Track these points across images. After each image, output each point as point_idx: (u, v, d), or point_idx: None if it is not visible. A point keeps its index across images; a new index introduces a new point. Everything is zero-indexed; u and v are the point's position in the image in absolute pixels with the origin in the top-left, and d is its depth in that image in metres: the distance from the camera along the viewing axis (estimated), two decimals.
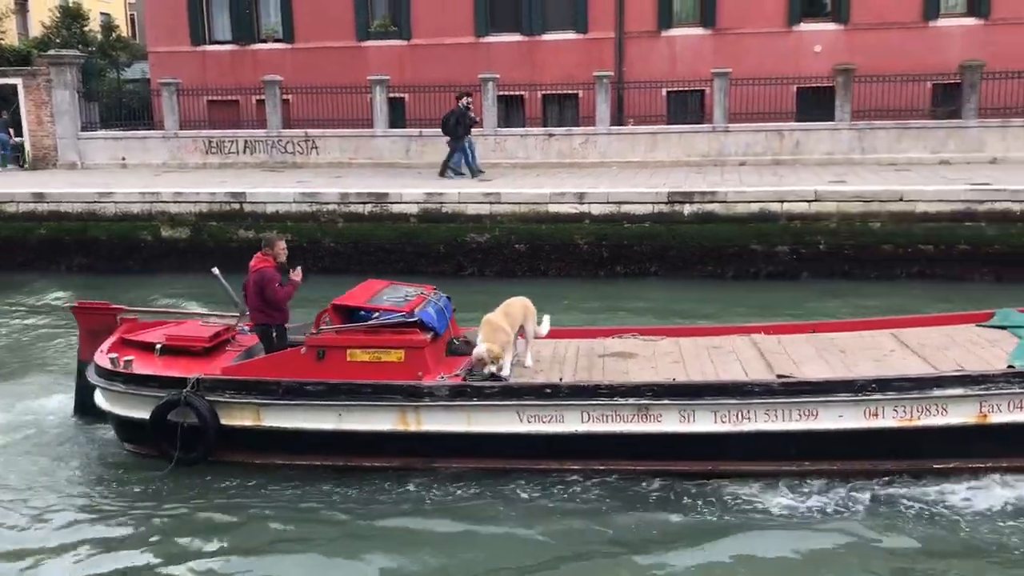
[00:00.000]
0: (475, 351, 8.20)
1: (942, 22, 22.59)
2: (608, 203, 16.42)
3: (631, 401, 7.73)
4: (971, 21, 22.50)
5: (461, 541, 7.11)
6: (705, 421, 7.71)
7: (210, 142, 22.96)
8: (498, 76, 22.14)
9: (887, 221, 15.59)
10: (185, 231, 17.76)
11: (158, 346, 8.96)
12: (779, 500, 7.47)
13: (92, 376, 8.80)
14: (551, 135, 21.82)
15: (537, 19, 23.99)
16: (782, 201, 15.97)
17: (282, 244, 9.05)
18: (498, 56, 23.84)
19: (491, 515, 7.45)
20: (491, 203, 16.82)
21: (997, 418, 7.55)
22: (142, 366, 8.65)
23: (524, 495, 7.71)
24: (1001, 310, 9.65)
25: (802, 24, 23.11)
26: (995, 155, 20.22)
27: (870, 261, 15.58)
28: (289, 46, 25.26)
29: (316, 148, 22.51)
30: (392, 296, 8.73)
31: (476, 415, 7.95)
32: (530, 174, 19.55)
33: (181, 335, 9.17)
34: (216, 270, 9.43)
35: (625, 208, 16.36)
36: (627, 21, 23.53)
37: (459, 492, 7.80)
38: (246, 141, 22.83)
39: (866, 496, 7.47)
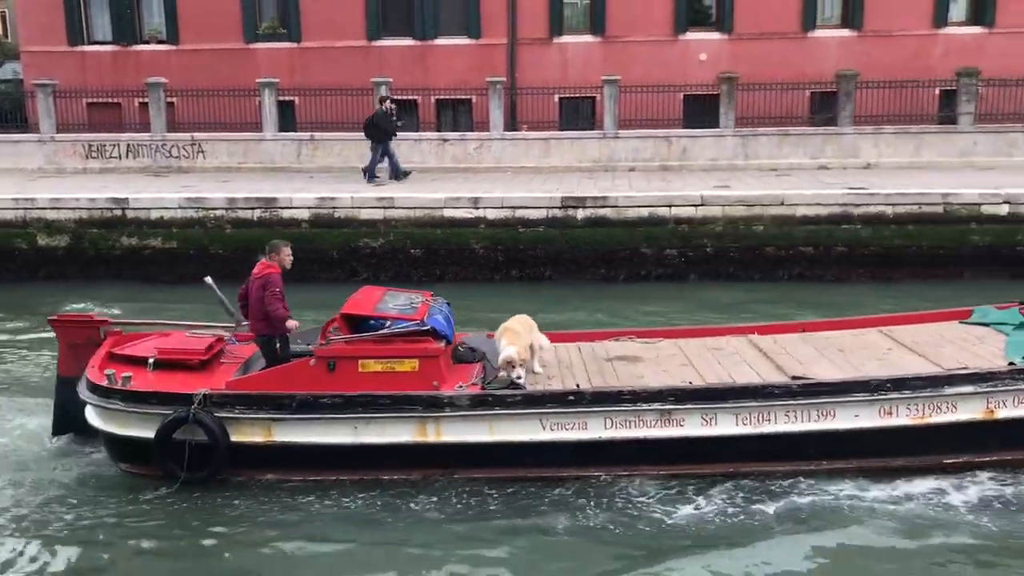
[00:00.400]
0: (503, 354, 8.06)
1: (819, 33, 23.61)
2: (503, 208, 16.53)
3: (655, 406, 7.74)
4: (845, 32, 23.59)
5: (483, 553, 7.00)
6: (727, 424, 7.80)
7: (90, 146, 22.03)
8: (391, 80, 22.01)
9: (769, 224, 16.19)
10: (64, 239, 17.00)
11: (151, 360, 8.50)
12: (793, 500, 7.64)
13: (85, 393, 8.24)
14: (445, 140, 21.80)
15: (430, 24, 23.94)
16: (670, 206, 16.38)
17: (287, 250, 8.60)
18: (390, 60, 23.70)
19: (513, 524, 7.38)
20: (385, 208, 16.71)
21: (1003, 413, 7.86)
22: (139, 382, 8.19)
23: (544, 503, 7.67)
24: (979, 308, 10.00)
25: (688, 33, 23.78)
26: (869, 160, 21.23)
27: (754, 263, 16.15)
28: (173, 47, 24.50)
29: (203, 152, 21.88)
30: (396, 303, 8.50)
31: (498, 424, 7.83)
32: (424, 179, 19.49)
33: (174, 348, 8.72)
34: (209, 279, 9.02)
35: (520, 213, 16.50)
36: (519, 28, 23.74)
37: (476, 501, 7.67)
38: (128, 145, 22.01)
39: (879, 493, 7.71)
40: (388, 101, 19.61)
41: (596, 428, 7.81)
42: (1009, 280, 15.43)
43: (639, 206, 16.44)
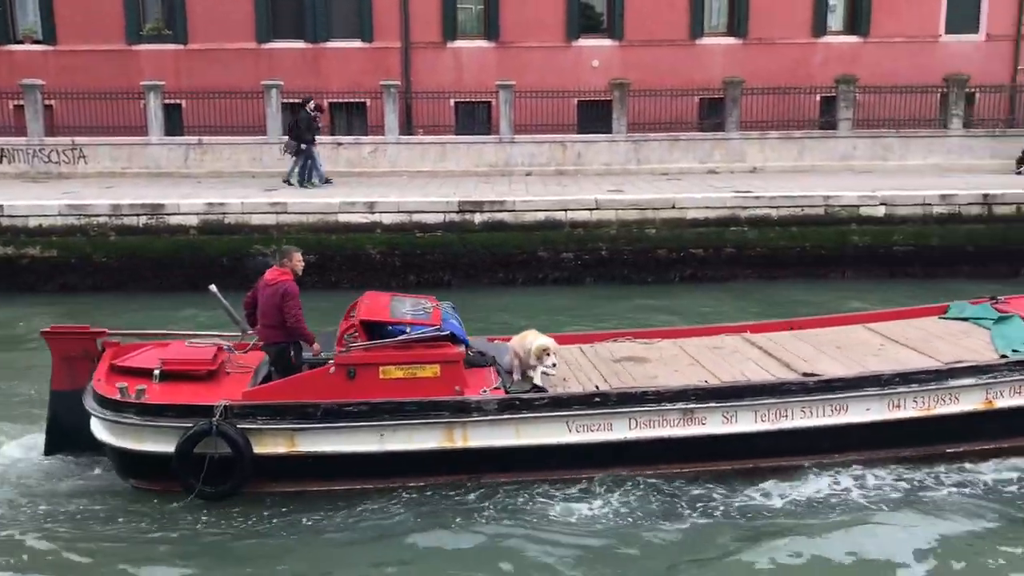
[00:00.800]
0: (538, 342, 8.08)
1: (706, 41, 24.28)
2: (399, 212, 16.41)
3: (678, 405, 7.86)
4: (731, 40, 24.33)
5: (513, 556, 6.89)
6: (746, 421, 7.98)
7: None
8: (282, 83, 21.59)
9: (661, 227, 16.56)
10: None
11: (156, 371, 8.09)
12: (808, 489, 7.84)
13: (93, 408, 7.79)
14: (339, 144, 21.52)
15: (321, 26, 23.58)
16: (566, 210, 16.57)
17: (299, 255, 8.38)
18: (282, 62, 23.23)
19: (540, 524, 7.31)
20: (277, 213, 16.37)
21: (1001, 403, 8.30)
22: (151, 394, 7.79)
23: (563, 503, 7.63)
24: (955, 303, 10.45)
25: (581, 40, 24.10)
26: (755, 165, 21.97)
27: (647, 265, 16.48)
28: (51, 47, 23.41)
29: (84, 157, 21.00)
30: (405, 308, 8.37)
31: (525, 427, 7.82)
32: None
33: (179, 358, 8.33)
34: (214, 287, 8.59)
35: (417, 217, 16.41)
36: (413, 31, 23.61)
37: (501, 505, 7.58)
38: (3, 149, 20.94)
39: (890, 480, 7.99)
40: (311, 104, 19.22)
41: (621, 429, 7.90)
42: (888, 279, 16.25)
43: (536, 210, 16.58)
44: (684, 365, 8.93)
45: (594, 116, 22.79)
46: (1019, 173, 20.72)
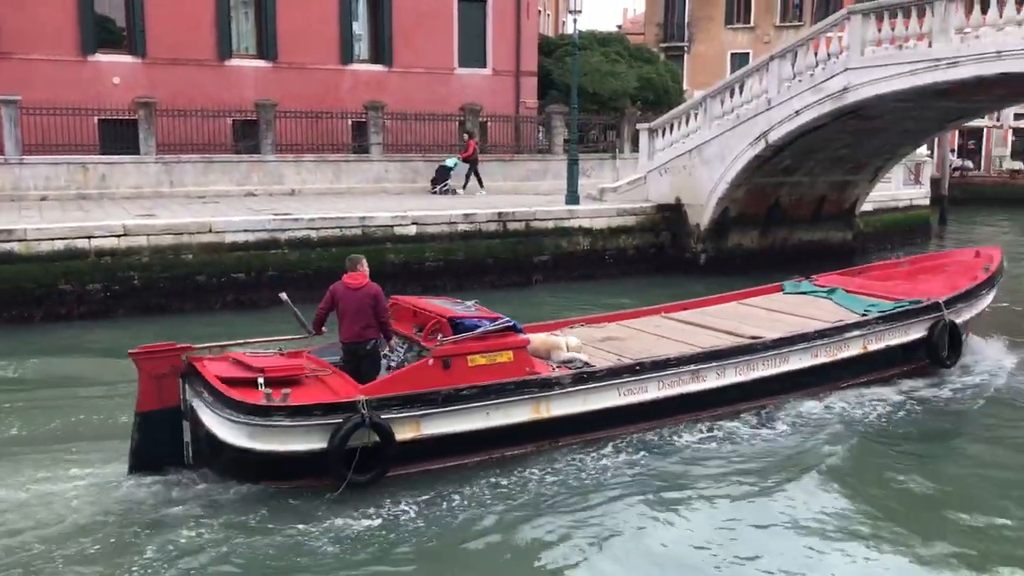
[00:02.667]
0: (571, 340, 10.18)
1: (236, 62, 23.94)
2: None
3: (689, 368, 9.86)
4: (261, 63, 24.28)
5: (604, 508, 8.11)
6: (732, 375, 10.17)
7: None
8: None
9: (199, 252, 15.92)
10: None
11: (260, 380, 8.34)
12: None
13: (231, 415, 7.95)
14: None
15: None
16: (90, 237, 15.19)
17: (365, 261, 9.21)
18: None
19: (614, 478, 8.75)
20: None
21: (871, 347, 11.25)
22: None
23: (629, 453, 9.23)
24: (786, 283, 13.71)
25: (99, 55, 22.33)
26: (293, 187, 22.15)
27: (186, 292, 15.72)
28: None
29: None
30: (461, 307, 9.44)
31: (589, 396, 9.29)
32: None
33: (278, 366, 8.76)
34: (284, 295, 9.22)
35: None
36: None
37: (577, 463, 8.96)
38: None
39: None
40: None
41: (653, 390, 9.67)
42: (422, 293, 17.25)
43: (53, 239, 14.94)
44: (657, 339, 11.09)
45: (119, 136, 21.23)
46: (435, 192, 22.72)
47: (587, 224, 19.73)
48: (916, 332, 11.63)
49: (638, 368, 9.63)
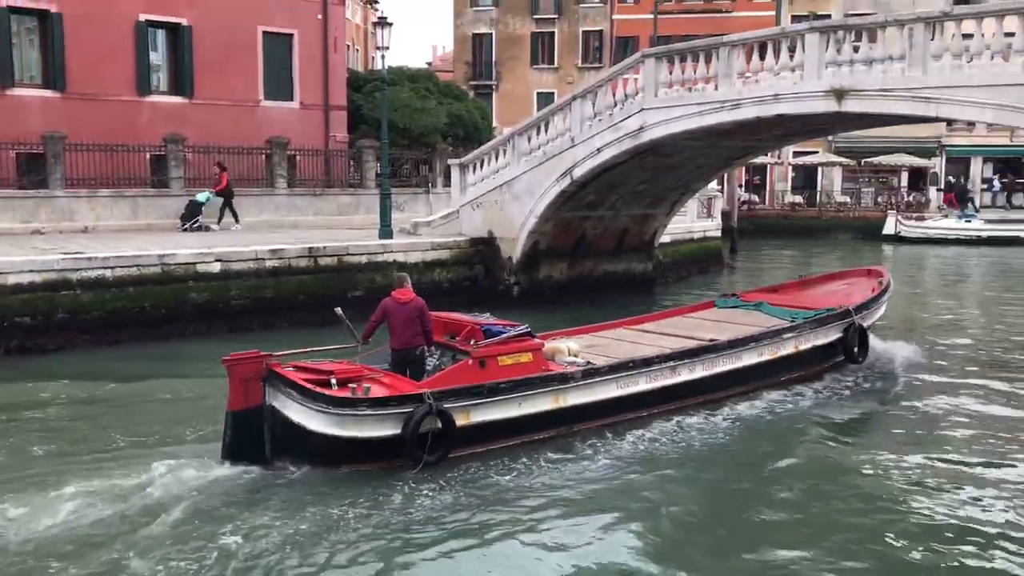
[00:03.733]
0: (570, 345, 11.98)
1: (18, 91, 22.38)
2: None
3: (670, 364, 11.75)
4: (49, 93, 22.79)
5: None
6: (700, 370, 12.03)
7: None
8: None
9: None
10: None
11: (333, 380, 9.67)
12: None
13: (323, 408, 9.38)
14: None
15: None
16: None
17: (409, 278, 11.05)
18: None
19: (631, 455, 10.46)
20: None
21: (801, 347, 13.36)
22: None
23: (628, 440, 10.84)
24: (717, 299, 16.12)
25: None
26: (87, 224, 20.85)
27: None
28: None
29: None
30: (484, 316, 11.57)
31: (596, 388, 10.99)
32: None
33: (344, 369, 10.03)
34: (339, 310, 10.26)
35: None
36: None
37: (592, 446, 10.56)
38: None
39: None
40: None
41: (643, 383, 11.44)
42: (227, 333, 16.57)
43: None
44: (634, 345, 12.91)
45: None
46: (184, 230, 21.36)
47: (401, 258, 19.71)
48: (834, 334, 13.95)
49: (631, 365, 11.52)
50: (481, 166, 21.83)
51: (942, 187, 49.47)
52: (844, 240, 42.78)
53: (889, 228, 42.29)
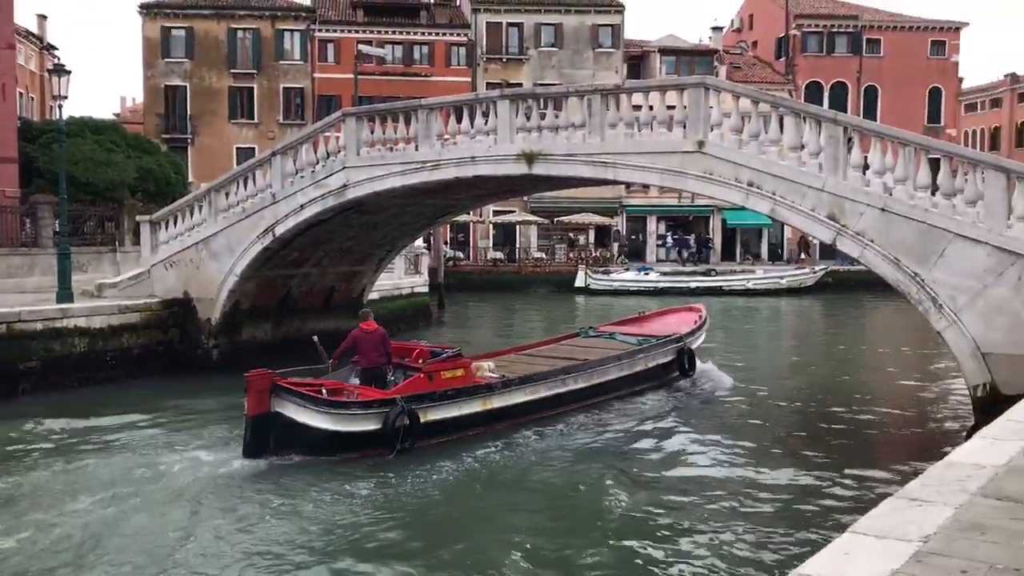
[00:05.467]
0: (489, 364, 15.62)
1: None
2: None
3: (561, 376, 15.46)
4: None
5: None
6: (582, 381, 15.73)
7: None
8: None
9: None
10: None
11: (324, 391, 12.81)
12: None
13: (323, 408, 12.45)
14: None
15: None
16: None
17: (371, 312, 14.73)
18: None
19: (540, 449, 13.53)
20: None
21: (650, 364, 17.39)
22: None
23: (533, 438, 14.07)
24: (579, 330, 20.15)
25: None
26: None
27: None
28: None
29: None
30: (422, 342, 16.49)
31: (509, 395, 14.43)
32: None
33: (329, 383, 13.24)
34: (316, 338, 14.02)
35: None
36: None
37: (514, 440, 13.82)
38: None
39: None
40: None
41: (543, 391, 14.97)
42: None
43: None
44: (528, 365, 16.24)
45: None
46: None
47: (84, 323, 18.03)
48: (671, 355, 18.09)
49: (535, 377, 15.14)
50: (175, 223, 20.69)
51: (625, 243, 54.10)
52: (542, 293, 45.32)
53: (580, 281, 45.47)
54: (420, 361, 14.16)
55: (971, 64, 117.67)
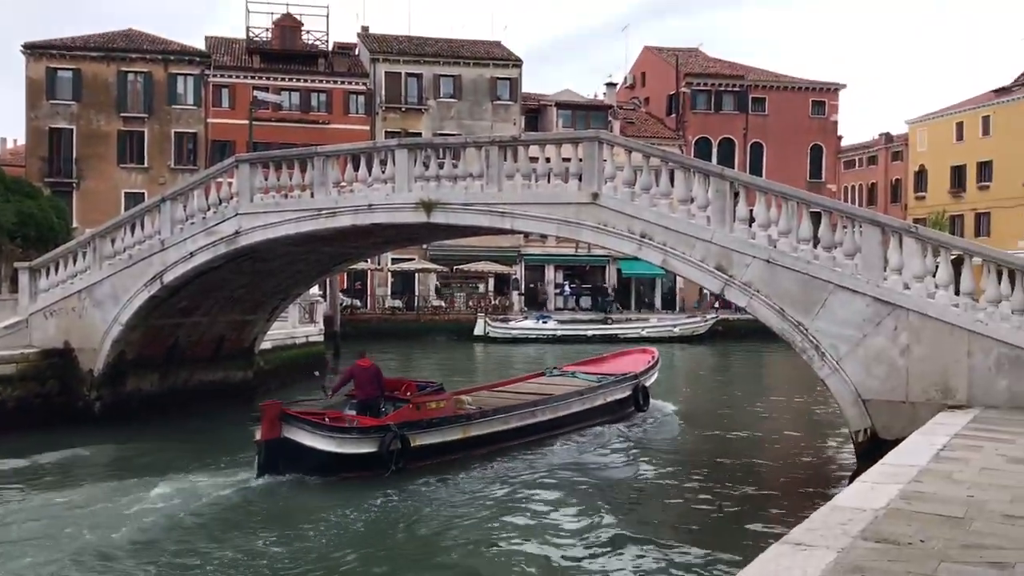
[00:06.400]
0: (467, 398, 17.71)
1: None
2: None
3: (531, 408, 17.63)
4: None
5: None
6: (549, 413, 17.87)
7: None
8: None
9: None
10: None
11: (327, 419, 14.49)
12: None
13: (328, 434, 14.12)
14: None
15: None
16: None
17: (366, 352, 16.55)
18: None
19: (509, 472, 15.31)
20: None
21: (608, 399, 19.65)
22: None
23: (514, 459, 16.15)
24: (545, 370, 22.64)
25: None
26: None
27: None
28: None
29: None
30: (408, 377, 18.62)
31: (486, 424, 16.27)
32: None
33: (330, 413, 15.07)
34: (317, 372, 18.12)
35: None
36: None
37: (495, 466, 15.59)
38: None
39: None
40: None
41: (515, 421, 16.93)
42: None
43: None
44: (501, 399, 18.31)
45: None
46: None
47: None
48: (627, 391, 20.29)
49: (508, 408, 17.14)
50: (56, 270, 19.85)
51: (522, 291, 54.54)
52: (441, 341, 45.14)
53: (479, 329, 45.54)
54: (408, 393, 16.10)
55: (850, 123, 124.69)
